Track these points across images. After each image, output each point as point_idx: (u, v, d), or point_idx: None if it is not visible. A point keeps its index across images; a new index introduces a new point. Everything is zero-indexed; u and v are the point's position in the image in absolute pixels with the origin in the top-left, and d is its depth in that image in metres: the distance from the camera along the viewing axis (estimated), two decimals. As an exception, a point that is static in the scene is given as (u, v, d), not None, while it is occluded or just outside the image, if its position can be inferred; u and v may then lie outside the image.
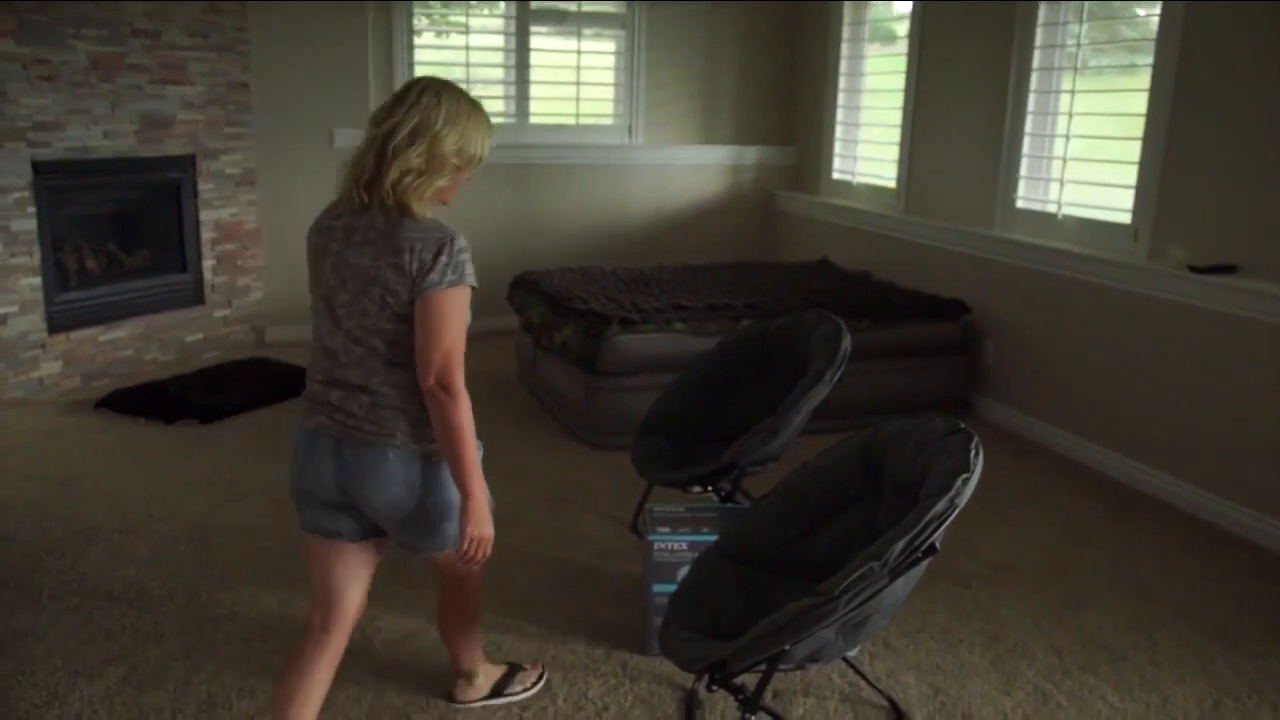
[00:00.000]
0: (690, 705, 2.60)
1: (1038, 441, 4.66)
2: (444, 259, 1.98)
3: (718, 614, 2.39)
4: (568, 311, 4.58)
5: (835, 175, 6.46)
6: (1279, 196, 3.67)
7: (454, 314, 2.00)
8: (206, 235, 5.61)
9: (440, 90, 2.05)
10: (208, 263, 5.65)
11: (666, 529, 2.80)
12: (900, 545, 1.92)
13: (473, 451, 2.04)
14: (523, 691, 2.64)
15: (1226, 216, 3.88)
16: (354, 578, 2.20)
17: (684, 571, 2.78)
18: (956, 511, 1.97)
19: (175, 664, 2.72)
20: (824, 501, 2.48)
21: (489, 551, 2.11)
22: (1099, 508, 3.98)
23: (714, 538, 2.76)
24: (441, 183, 2.05)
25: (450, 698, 2.59)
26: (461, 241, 2.03)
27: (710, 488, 3.14)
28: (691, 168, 6.74)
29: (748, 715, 2.10)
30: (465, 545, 2.07)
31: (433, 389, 1.99)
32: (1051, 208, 4.73)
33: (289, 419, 2.27)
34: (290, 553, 3.36)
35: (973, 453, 2.09)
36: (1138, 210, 4.26)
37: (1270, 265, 3.71)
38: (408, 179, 2.00)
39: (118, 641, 2.81)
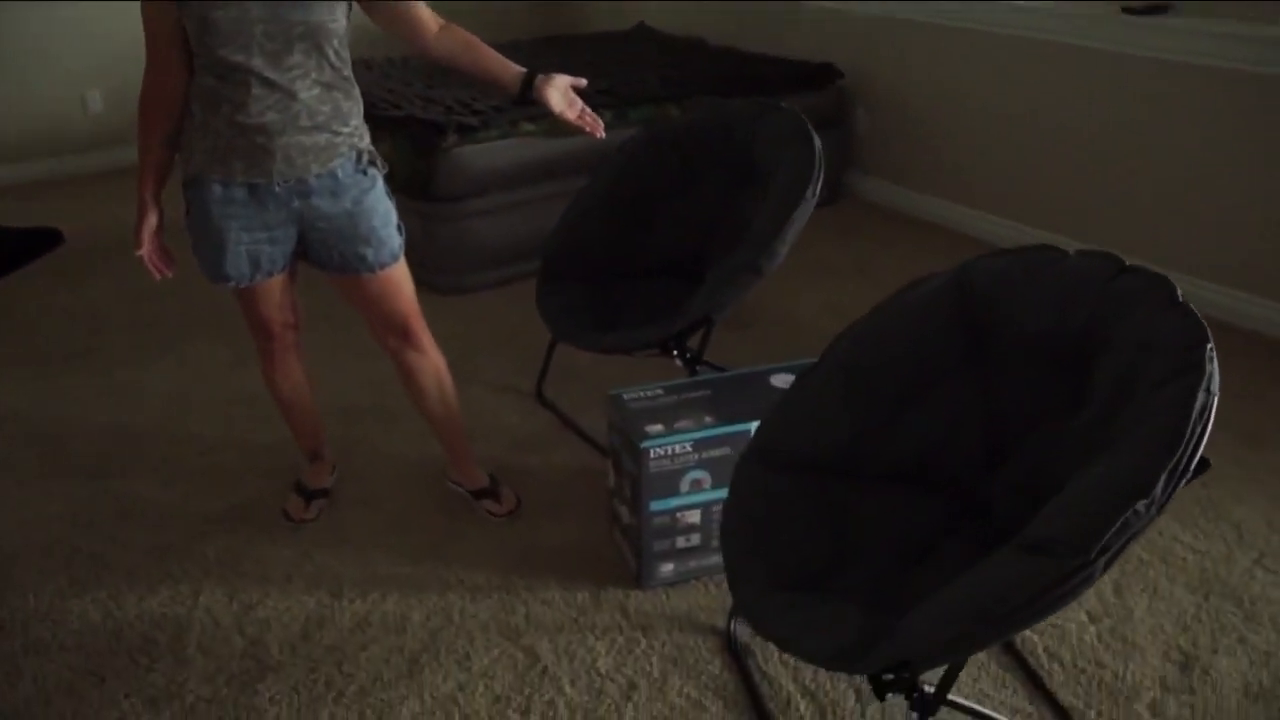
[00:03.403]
0: (738, 656, 1.98)
1: (931, 220, 4.19)
2: None
3: (799, 555, 1.72)
4: (380, 121, 3.51)
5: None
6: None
7: None
8: None
9: None
10: None
11: (658, 427, 2.07)
12: (1166, 471, 1.31)
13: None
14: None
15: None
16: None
17: (690, 479, 2.08)
18: (1215, 402, 1.37)
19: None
20: (905, 377, 1.82)
21: None
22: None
23: (722, 430, 2.07)
24: None
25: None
26: None
27: (676, 351, 2.40)
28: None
29: (924, 716, 1.50)
30: None
31: None
32: (929, -56, 4.05)
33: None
34: (112, 535, 2.37)
35: (1187, 305, 1.48)
36: (1043, -60, 3.66)
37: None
38: None
39: None
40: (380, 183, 2.09)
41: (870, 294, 3.56)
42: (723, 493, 2.10)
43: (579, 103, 2.11)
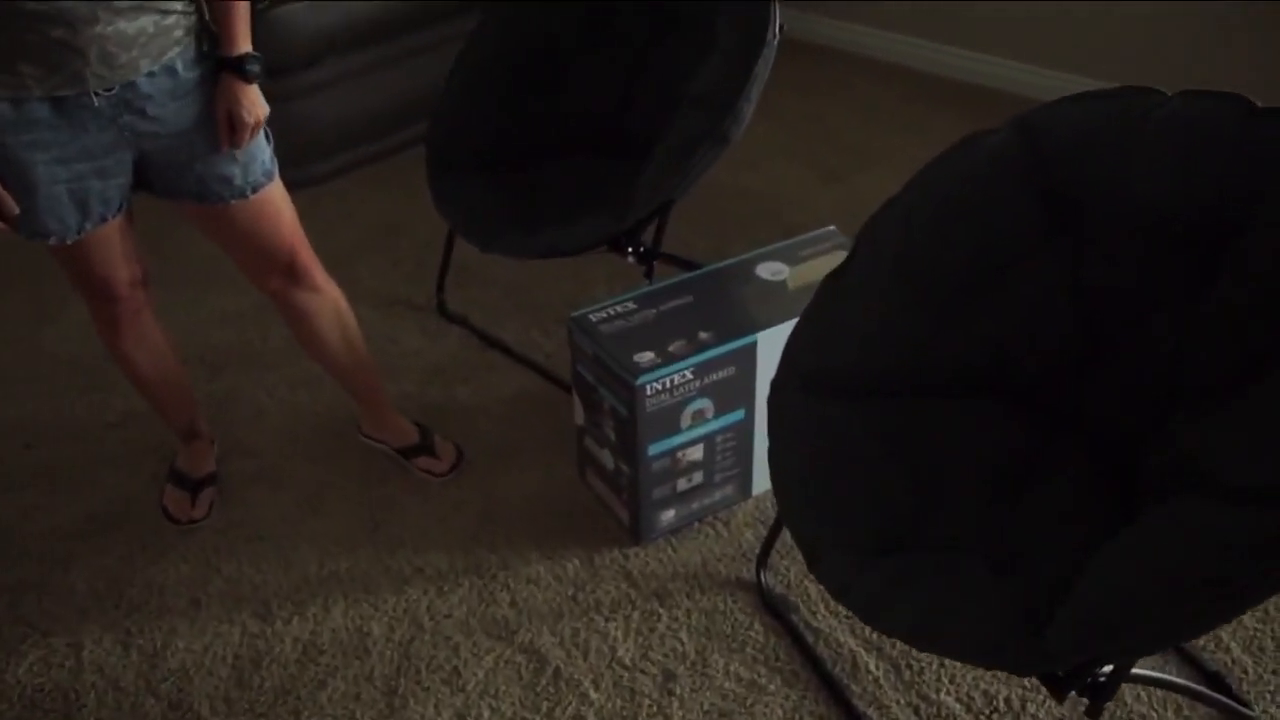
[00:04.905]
0: (778, 613, 1.67)
1: (839, 48, 3.81)
2: None
3: (877, 504, 1.40)
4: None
5: None
6: None
7: None
8: None
9: None
10: None
11: (648, 355, 1.66)
12: None
13: None
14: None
15: None
16: None
17: (691, 411, 1.71)
18: None
19: None
20: (971, 261, 1.47)
21: None
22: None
23: (725, 348, 1.69)
24: None
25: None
26: None
27: (631, 249, 1.97)
28: None
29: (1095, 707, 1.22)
30: None
31: None
32: None
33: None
34: None
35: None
36: None
37: None
38: None
39: None
40: None
41: (782, 139, 3.19)
42: (727, 419, 1.76)
43: (243, 127, 1.51)
